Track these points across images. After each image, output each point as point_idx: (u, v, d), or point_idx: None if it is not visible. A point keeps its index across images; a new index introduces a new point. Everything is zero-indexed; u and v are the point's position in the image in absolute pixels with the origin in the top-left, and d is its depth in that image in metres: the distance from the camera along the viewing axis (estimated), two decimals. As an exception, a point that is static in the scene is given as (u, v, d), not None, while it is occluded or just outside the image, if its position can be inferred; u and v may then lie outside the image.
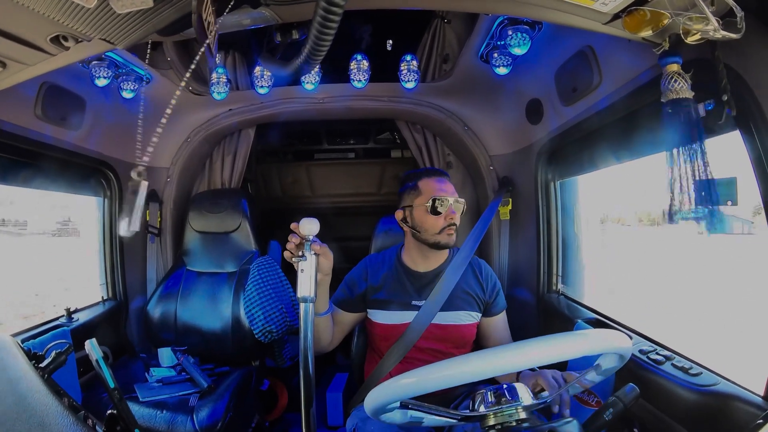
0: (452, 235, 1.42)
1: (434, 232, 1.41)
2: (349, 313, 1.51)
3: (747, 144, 0.91)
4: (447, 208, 1.40)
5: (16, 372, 0.83)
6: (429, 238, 1.42)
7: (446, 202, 1.40)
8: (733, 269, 4.78)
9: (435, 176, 1.47)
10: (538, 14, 0.97)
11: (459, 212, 1.44)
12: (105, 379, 0.82)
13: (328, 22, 0.68)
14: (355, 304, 1.50)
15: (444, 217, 1.40)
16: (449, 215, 1.40)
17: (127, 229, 0.80)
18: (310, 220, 1.04)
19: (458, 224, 1.44)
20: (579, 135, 1.57)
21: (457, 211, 1.42)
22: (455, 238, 1.44)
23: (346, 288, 1.53)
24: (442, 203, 1.39)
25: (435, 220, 1.41)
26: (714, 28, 0.76)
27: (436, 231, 1.41)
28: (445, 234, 1.41)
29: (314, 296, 1.00)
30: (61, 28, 0.87)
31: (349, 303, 1.50)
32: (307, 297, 1.00)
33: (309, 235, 1.04)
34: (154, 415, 1.56)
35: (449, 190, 1.44)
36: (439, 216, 1.40)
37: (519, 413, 0.77)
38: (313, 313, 1.01)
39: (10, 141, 1.49)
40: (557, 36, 1.44)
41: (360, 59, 1.84)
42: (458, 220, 1.43)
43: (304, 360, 1.01)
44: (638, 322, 1.44)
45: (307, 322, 1.00)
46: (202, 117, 2.22)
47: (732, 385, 1.00)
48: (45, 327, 1.68)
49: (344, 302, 1.50)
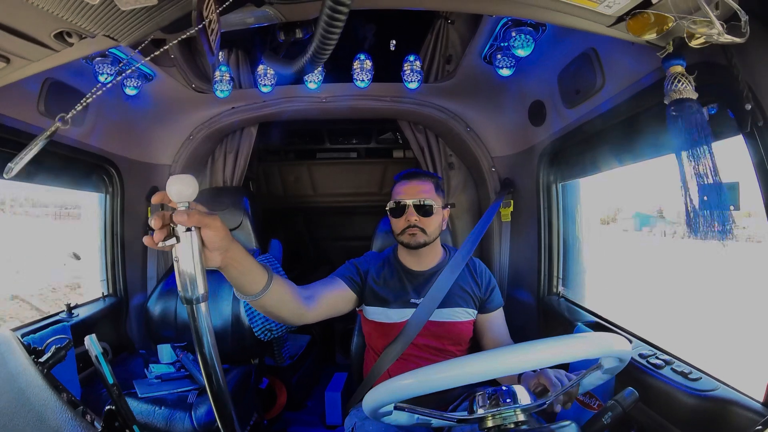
0: (414, 236, 1.44)
1: (397, 232, 1.48)
2: (348, 290, 1.44)
3: (750, 148, 0.91)
4: (407, 210, 1.43)
5: (16, 366, 0.83)
6: (396, 239, 1.49)
7: (404, 204, 1.44)
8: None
9: (404, 178, 1.51)
10: (542, 16, 0.97)
11: (426, 213, 1.43)
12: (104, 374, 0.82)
13: (334, 21, 0.68)
14: (356, 285, 1.46)
15: (404, 219, 1.44)
16: (408, 216, 1.43)
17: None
18: (180, 178, 0.70)
19: (428, 226, 1.43)
20: (581, 137, 1.57)
21: (419, 212, 1.42)
22: (420, 238, 1.44)
23: (351, 266, 1.52)
24: (398, 205, 1.45)
25: (396, 221, 1.47)
26: (718, 32, 0.75)
27: (398, 232, 1.47)
28: (407, 234, 1.45)
29: (205, 292, 0.70)
30: (65, 24, 0.87)
31: (352, 281, 1.46)
32: (191, 296, 0.68)
33: (182, 203, 0.71)
34: (152, 411, 1.57)
35: (412, 192, 1.45)
36: (399, 218, 1.45)
37: (517, 415, 0.77)
38: (207, 317, 0.71)
39: (13, 136, 1.49)
40: (561, 38, 1.44)
41: (363, 59, 1.84)
42: (426, 221, 1.43)
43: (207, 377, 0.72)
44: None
45: (202, 326, 0.70)
46: (204, 115, 2.23)
47: (731, 391, 1.00)
48: (45, 322, 1.69)
49: (348, 278, 1.47)
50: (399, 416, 0.87)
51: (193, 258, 0.69)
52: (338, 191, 3.21)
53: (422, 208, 1.43)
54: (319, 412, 2.49)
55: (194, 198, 0.71)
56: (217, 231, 0.76)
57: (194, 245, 0.70)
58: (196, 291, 0.69)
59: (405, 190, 1.46)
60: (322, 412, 2.39)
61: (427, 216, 1.44)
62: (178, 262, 0.69)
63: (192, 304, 0.69)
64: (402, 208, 1.44)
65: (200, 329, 0.70)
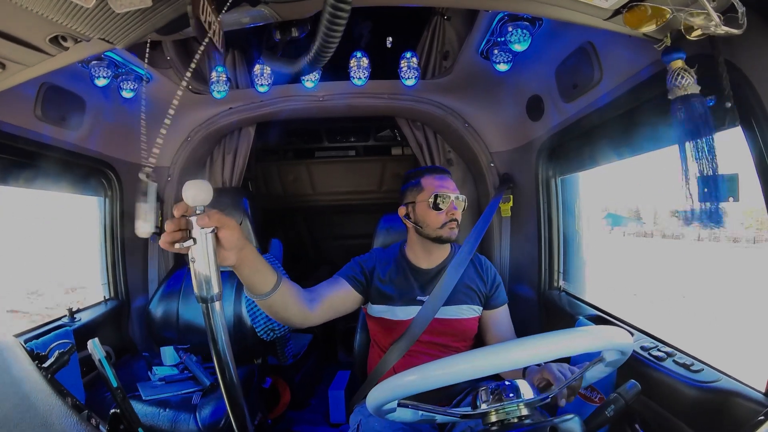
0: (454, 230, 1.45)
1: (436, 226, 1.45)
2: (352, 291, 1.44)
3: (748, 140, 0.91)
4: (448, 203, 1.43)
5: (20, 372, 0.84)
6: (431, 233, 1.46)
7: (447, 198, 1.43)
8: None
9: (437, 174, 1.51)
10: (539, 10, 0.97)
11: (460, 209, 1.47)
12: (108, 378, 0.82)
13: (336, 19, 0.68)
14: (360, 285, 1.46)
15: (445, 213, 1.44)
16: (450, 210, 1.44)
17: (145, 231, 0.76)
18: (196, 183, 0.72)
19: (460, 220, 1.46)
20: (580, 131, 1.57)
21: (458, 207, 1.46)
22: (457, 232, 1.46)
23: (355, 265, 1.51)
24: (444, 199, 1.43)
25: (437, 215, 1.44)
26: (715, 24, 0.75)
27: (438, 226, 1.45)
28: (447, 228, 1.44)
29: (220, 291, 0.74)
30: (59, 28, 0.87)
31: (356, 281, 1.45)
32: (206, 295, 0.73)
33: (197, 207, 0.73)
34: (157, 413, 1.57)
35: (450, 186, 1.48)
36: (440, 211, 1.44)
37: (521, 410, 0.77)
38: (221, 315, 0.76)
39: (10, 142, 1.49)
40: (558, 32, 1.43)
41: (360, 57, 1.83)
42: (460, 216, 1.47)
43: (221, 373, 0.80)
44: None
45: (217, 324, 0.75)
46: (202, 116, 2.22)
47: (733, 382, 1.00)
48: (48, 327, 1.69)
49: (351, 278, 1.46)
50: (403, 413, 0.87)
51: (209, 258, 0.73)
52: (337, 190, 3.20)
53: (460, 204, 1.46)
54: (322, 410, 2.49)
55: (209, 202, 0.73)
56: (234, 230, 0.81)
57: (209, 246, 0.73)
58: (211, 290, 0.73)
59: (446, 184, 1.48)
60: (326, 411, 2.40)
61: (462, 211, 1.48)
62: (195, 263, 0.73)
63: (207, 302, 0.73)
64: (446, 202, 1.44)
65: (215, 327, 0.75)
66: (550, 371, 1.03)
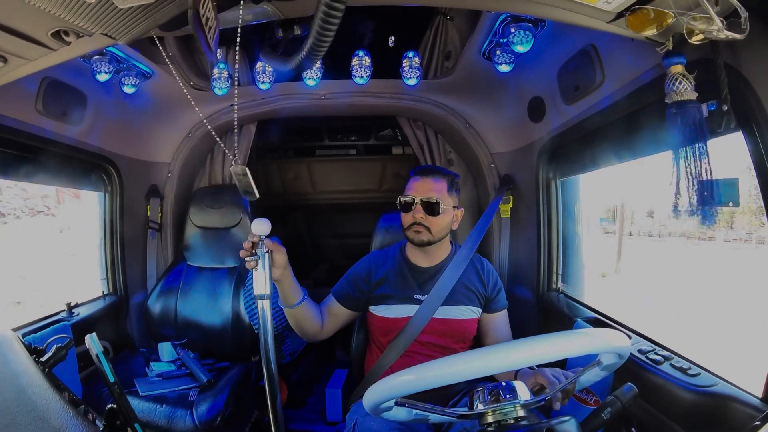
0: (419, 233, 1.42)
1: (404, 227, 1.47)
2: (346, 309, 1.51)
3: (749, 144, 0.91)
4: (414, 206, 1.42)
5: (17, 366, 0.84)
6: (404, 233, 1.49)
7: (410, 200, 1.43)
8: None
9: (417, 174, 1.49)
10: (542, 12, 0.97)
11: (432, 212, 1.41)
12: (105, 373, 0.82)
13: (330, 17, 0.68)
14: (354, 303, 1.51)
15: (411, 215, 1.43)
16: (414, 213, 1.42)
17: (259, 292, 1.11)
18: (260, 221, 1.11)
19: (433, 224, 1.42)
20: (581, 134, 1.57)
21: (426, 210, 1.41)
22: (425, 237, 1.43)
23: (347, 283, 1.53)
24: (407, 201, 1.44)
25: (404, 216, 1.46)
26: (718, 28, 0.75)
27: (405, 227, 1.47)
28: (412, 231, 1.44)
29: (270, 293, 1.09)
30: (62, 23, 0.87)
31: (348, 300, 1.51)
32: (263, 294, 1.09)
33: (261, 235, 1.12)
34: (153, 409, 1.57)
35: (422, 188, 1.43)
36: (406, 213, 1.44)
37: (517, 411, 0.77)
38: (269, 310, 1.09)
39: (11, 136, 1.49)
40: (560, 34, 1.43)
41: (362, 55, 1.83)
42: (432, 220, 1.42)
43: (265, 356, 1.09)
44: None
45: (265, 318, 1.09)
46: (203, 112, 2.22)
47: (730, 386, 1.00)
48: (46, 321, 1.69)
49: (344, 298, 1.51)
50: (399, 412, 0.87)
51: (266, 270, 1.11)
52: (337, 188, 3.20)
53: (430, 207, 1.41)
54: (319, 409, 2.50)
55: (269, 232, 1.13)
56: (283, 255, 1.22)
57: (267, 262, 1.11)
58: (266, 292, 1.09)
59: (416, 186, 1.45)
60: (323, 409, 2.40)
61: (434, 215, 1.41)
62: (256, 272, 1.10)
63: (262, 299, 1.09)
64: (410, 204, 1.43)
65: (263, 318, 1.09)
66: (544, 375, 1.03)
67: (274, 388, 1.09)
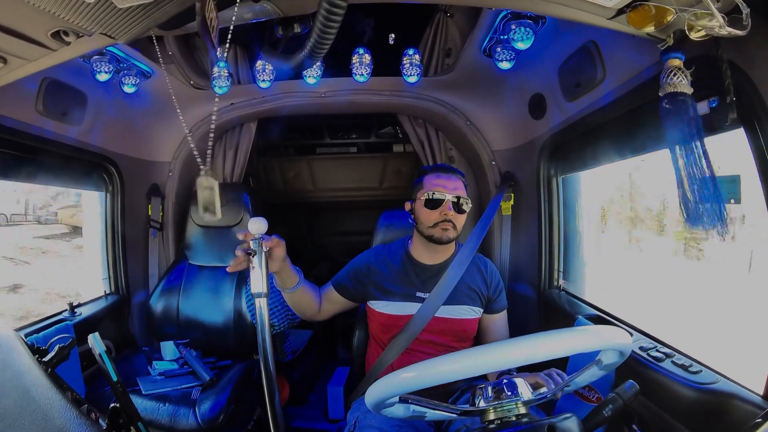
0: (447, 231, 1.42)
1: (428, 225, 1.44)
2: (341, 298, 1.54)
3: (750, 141, 0.91)
4: (443, 203, 1.41)
5: (20, 366, 0.84)
6: (424, 231, 1.45)
7: (441, 196, 1.41)
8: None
9: (440, 172, 1.49)
10: (542, 8, 0.97)
11: (460, 210, 1.43)
12: (108, 372, 0.83)
13: (331, 15, 0.68)
14: (351, 294, 1.53)
15: (439, 212, 1.41)
16: (444, 210, 1.41)
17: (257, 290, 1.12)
18: (257, 220, 1.14)
19: (458, 223, 1.43)
20: (582, 130, 1.56)
21: (454, 209, 1.42)
22: (451, 234, 1.43)
23: (347, 275, 1.54)
24: (437, 197, 1.42)
25: (429, 213, 1.43)
26: (719, 25, 0.75)
27: (429, 224, 1.43)
28: (439, 228, 1.42)
29: (267, 291, 1.11)
30: (61, 23, 0.87)
31: (346, 291, 1.53)
32: (260, 293, 1.10)
33: (257, 234, 1.13)
34: (156, 407, 1.58)
35: (450, 186, 1.44)
36: (433, 210, 1.42)
37: (519, 408, 0.77)
38: (267, 308, 1.13)
39: (11, 137, 1.49)
40: (561, 31, 1.42)
41: (362, 53, 1.82)
42: (458, 219, 1.43)
43: (263, 355, 1.12)
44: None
45: (262, 316, 1.11)
46: (203, 111, 2.22)
47: (732, 384, 1.00)
48: (48, 321, 1.70)
49: (343, 289, 1.53)
50: (399, 409, 0.87)
51: (262, 267, 1.11)
52: (338, 186, 3.20)
53: (458, 205, 1.42)
54: (321, 406, 2.50)
55: (265, 231, 1.15)
56: (282, 249, 1.26)
57: (263, 259, 1.12)
58: (263, 290, 1.10)
59: (443, 183, 1.44)
60: (325, 407, 2.41)
61: (461, 213, 1.44)
62: (254, 269, 1.11)
63: (260, 297, 1.10)
64: (439, 202, 1.41)
65: (261, 317, 1.10)
66: (540, 374, 1.03)
67: (272, 386, 1.10)
